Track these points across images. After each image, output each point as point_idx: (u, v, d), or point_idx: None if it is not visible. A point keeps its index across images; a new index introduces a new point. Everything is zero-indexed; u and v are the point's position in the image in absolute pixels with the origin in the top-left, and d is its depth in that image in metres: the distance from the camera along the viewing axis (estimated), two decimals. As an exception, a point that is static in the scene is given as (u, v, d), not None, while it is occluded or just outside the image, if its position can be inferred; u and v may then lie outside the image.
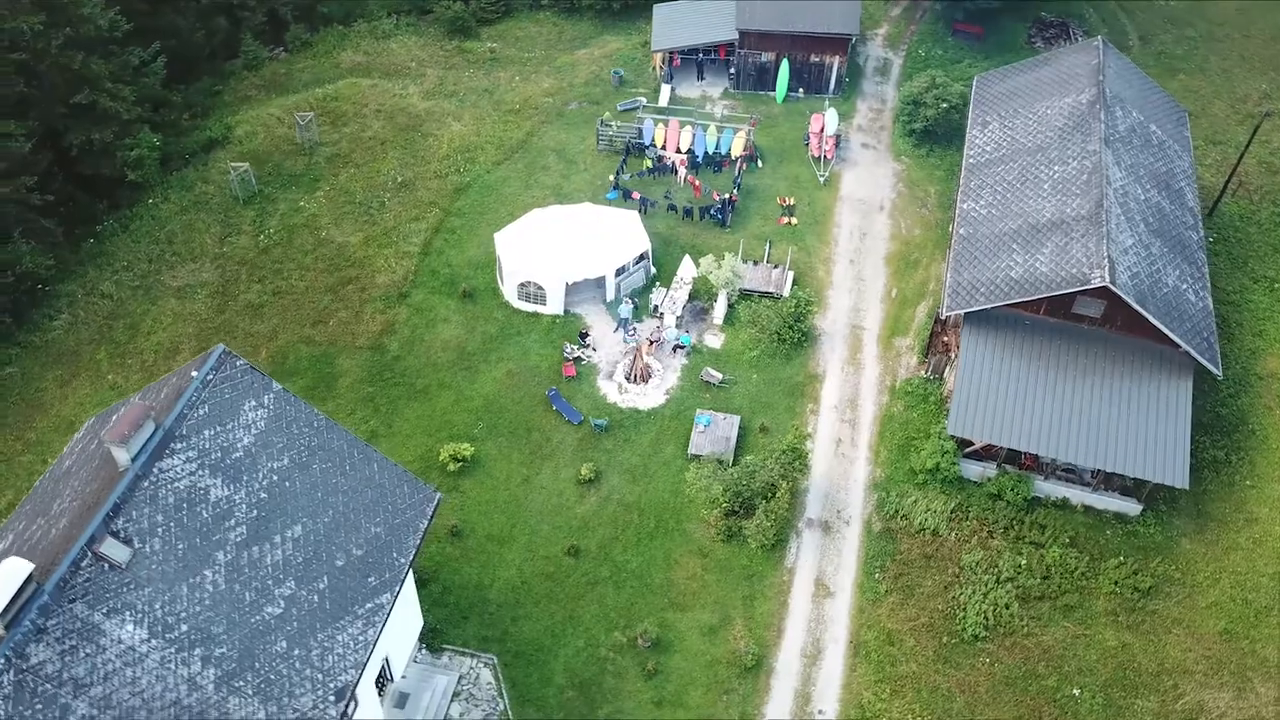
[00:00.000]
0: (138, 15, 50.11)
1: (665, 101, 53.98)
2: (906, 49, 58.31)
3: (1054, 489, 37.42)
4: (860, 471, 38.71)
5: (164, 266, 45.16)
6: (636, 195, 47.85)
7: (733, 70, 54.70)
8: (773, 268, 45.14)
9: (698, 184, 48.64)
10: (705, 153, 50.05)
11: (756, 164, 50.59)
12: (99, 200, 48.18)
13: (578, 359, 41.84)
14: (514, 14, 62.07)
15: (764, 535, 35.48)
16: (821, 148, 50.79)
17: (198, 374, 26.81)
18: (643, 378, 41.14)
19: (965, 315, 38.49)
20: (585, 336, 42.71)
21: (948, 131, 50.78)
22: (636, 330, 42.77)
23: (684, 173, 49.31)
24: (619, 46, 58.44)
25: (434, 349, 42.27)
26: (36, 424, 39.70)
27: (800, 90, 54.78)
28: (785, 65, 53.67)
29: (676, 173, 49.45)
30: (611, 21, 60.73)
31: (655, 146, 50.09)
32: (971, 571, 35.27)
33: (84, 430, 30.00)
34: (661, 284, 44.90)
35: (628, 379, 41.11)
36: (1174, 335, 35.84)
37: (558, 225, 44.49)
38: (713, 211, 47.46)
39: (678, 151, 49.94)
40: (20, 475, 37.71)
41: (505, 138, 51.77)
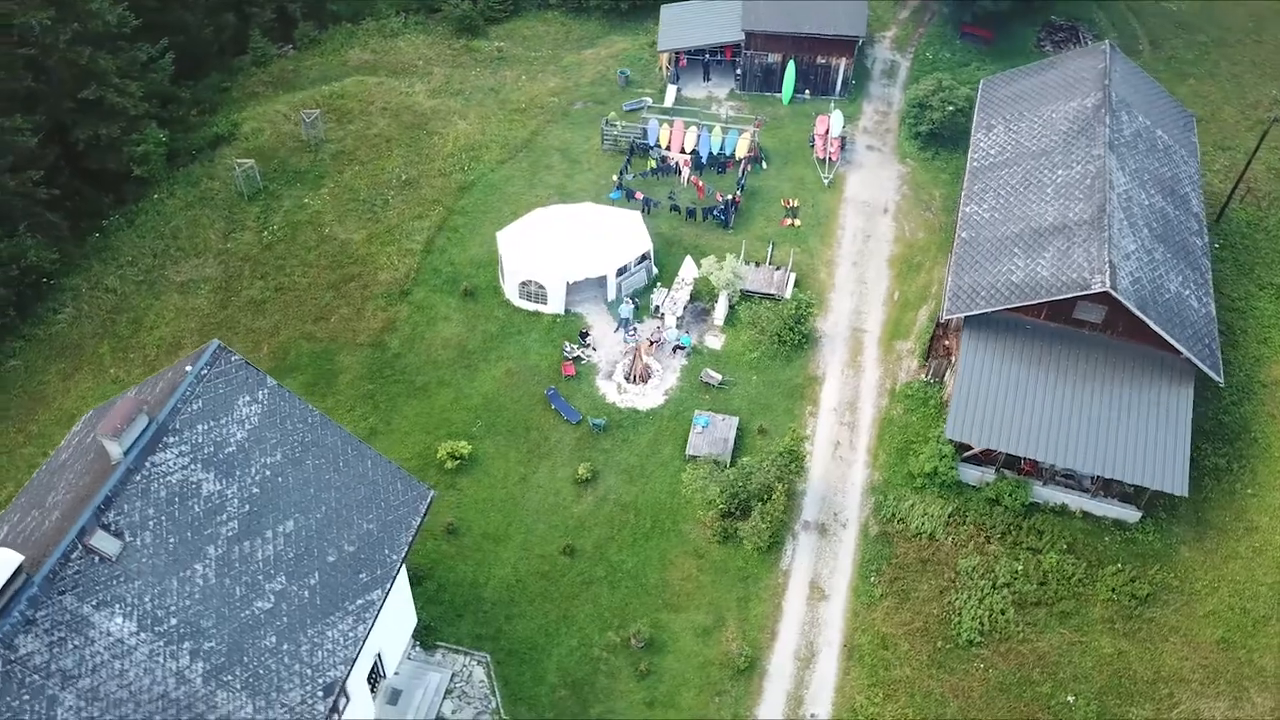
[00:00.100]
0: (147, 11, 50.30)
1: (671, 102, 53.96)
2: (914, 52, 58.12)
3: (1052, 495, 37.24)
4: (858, 474, 38.60)
5: (168, 261, 45.38)
6: (640, 195, 47.85)
7: (739, 71, 54.64)
8: (774, 269, 45.06)
9: (701, 185, 48.59)
10: (709, 154, 50.00)
11: (761, 165, 50.52)
12: (105, 195, 48.49)
13: (577, 358, 41.86)
14: (522, 13, 62.16)
15: (759, 537, 35.41)
16: (826, 150, 50.68)
17: (192, 369, 26.95)
18: (642, 378, 41.12)
19: (965, 319, 38.35)
20: (585, 336, 42.72)
21: (954, 134, 50.59)
22: (637, 330, 42.76)
23: (687, 173, 49.28)
24: (626, 46, 58.44)
25: (434, 347, 42.35)
26: (39, 417, 39.96)
27: (806, 92, 54.65)
28: (792, 67, 53.58)
29: (680, 173, 49.42)
30: (619, 21, 60.74)
31: (659, 147, 50.08)
32: (967, 576, 35.12)
33: (81, 424, 30.21)
34: (663, 284, 44.89)
35: (627, 379, 41.10)
36: (1175, 341, 35.63)
37: (560, 224, 44.52)
38: (715, 212, 47.42)
39: (682, 152, 49.92)
40: (21, 467, 37.95)
41: (510, 137, 51.84)
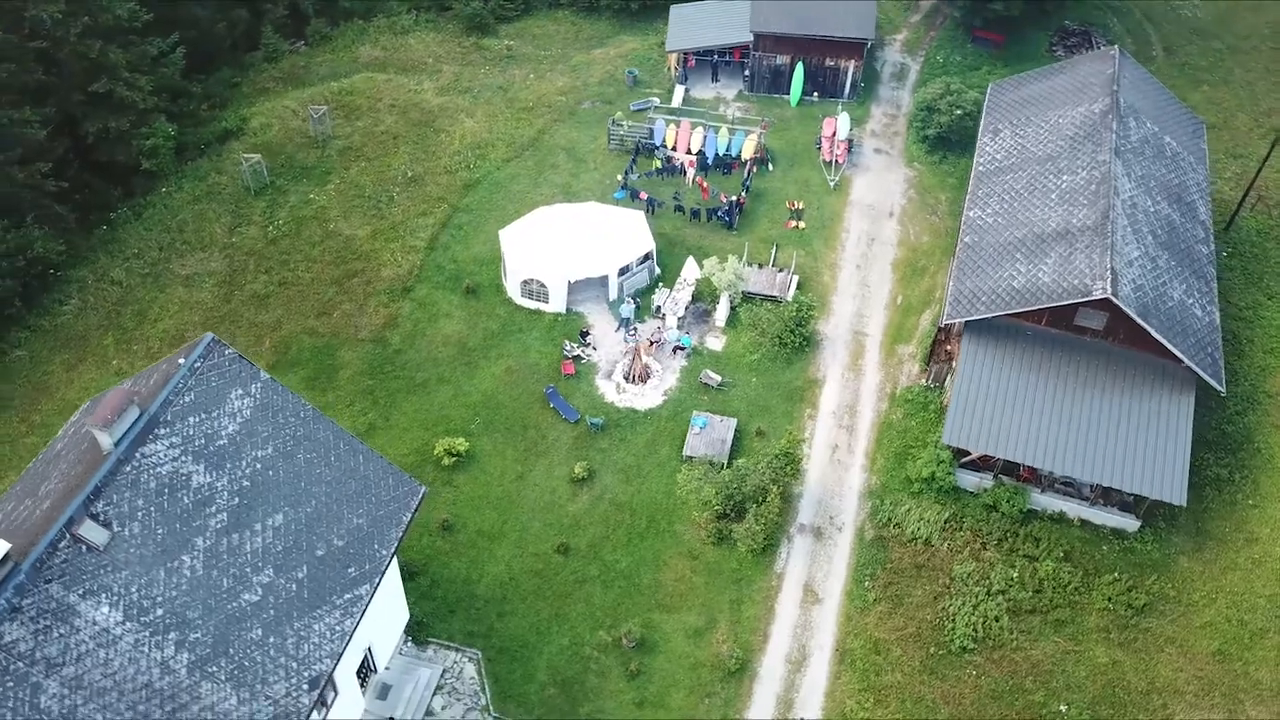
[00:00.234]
0: (159, 6, 50.59)
1: (679, 102, 53.90)
2: (925, 55, 57.84)
3: (1051, 502, 36.98)
4: (855, 478, 38.45)
5: (174, 255, 45.67)
6: (644, 195, 47.83)
7: (747, 73, 54.54)
8: (777, 271, 44.95)
9: (706, 185, 48.53)
10: (715, 154, 49.92)
11: (767, 167, 50.40)
12: (114, 188, 48.80)
13: (577, 357, 41.87)
14: (533, 12, 62.18)
15: (753, 539, 35.32)
16: (833, 152, 50.52)
17: (185, 361, 27.10)
18: (641, 378, 41.10)
19: (966, 324, 38.15)
20: (586, 335, 42.74)
21: (962, 138, 50.30)
22: (637, 330, 42.74)
23: (692, 174, 49.23)
24: (635, 46, 58.41)
25: (435, 344, 42.46)
26: (42, 407, 40.28)
27: (815, 94, 54.49)
28: (800, 69, 53.43)
29: (685, 174, 49.38)
30: (629, 21, 60.71)
31: (665, 147, 50.04)
32: (962, 583, 34.92)
33: (78, 414, 30.43)
34: (665, 285, 44.85)
35: (626, 379, 41.08)
36: (1176, 350, 35.32)
37: (563, 223, 44.55)
38: (720, 213, 47.35)
39: (688, 152, 49.86)
40: (23, 457, 38.25)
41: (517, 135, 51.92)
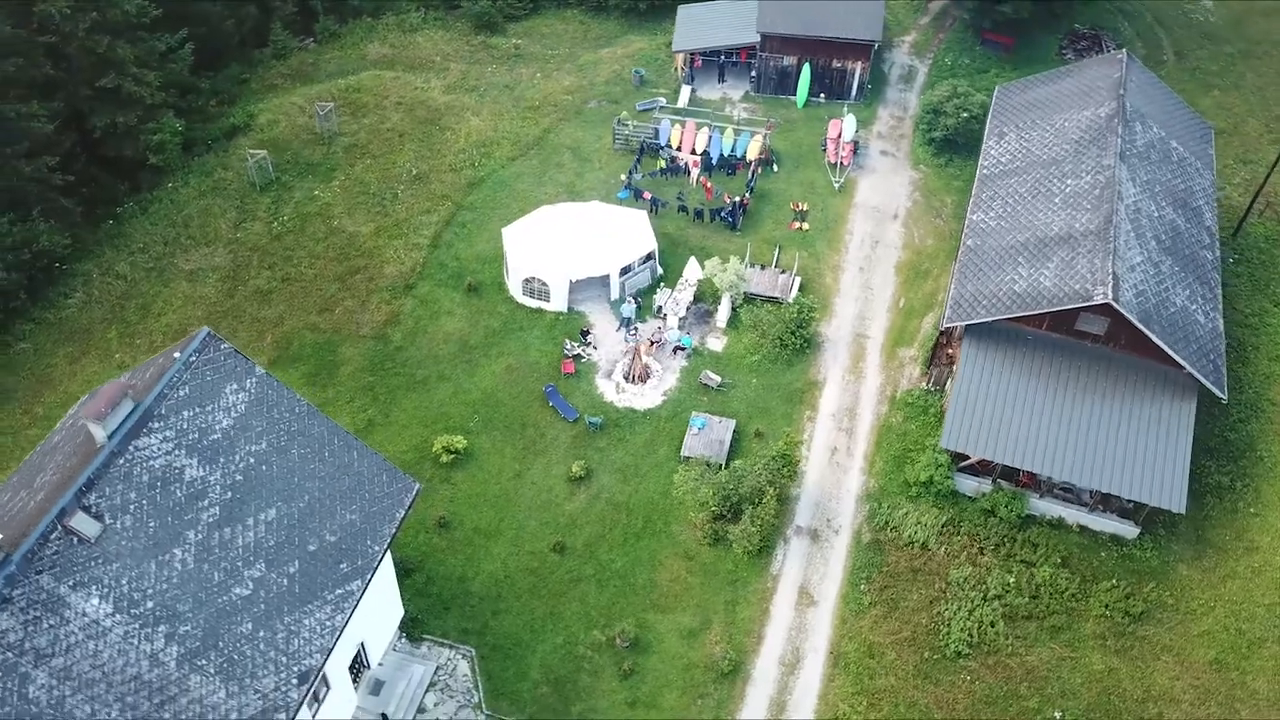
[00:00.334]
0: (168, 2, 50.75)
1: (685, 102, 53.85)
2: (933, 57, 57.63)
3: (1050, 508, 36.80)
4: (853, 481, 38.34)
5: (178, 250, 45.89)
6: (648, 195, 47.81)
7: (754, 74, 54.45)
8: (779, 272, 44.86)
9: (709, 186, 48.48)
10: (720, 155, 49.86)
11: (773, 168, 50.32)
12: (120, 182, 49.07)
13: (578, 356, 41.88)
14: (541, 11, 62.25)
15: (749, 541, 35.26)
16: (838, 154, 50.39)
17: (180, 355, 27.22)
18: (641, 378, 41.07)
19: (967, 328, 37.99)
20: (587, 334, 42.74)
21: (968, 141, 50.09)
22: (638, 330, 42.73)
23: (696, 174, 49.19)
24: (643, 46, 58.40)
25: (436, 341, 42.54)
26: (45, 399, 40.53)
27: (821, 95, 54.39)
28: (807, 70, 53.33)
29: (689, 174, 49.34)
30: (638, 21, 60.70)
31: (669, 147, 50.01)
32: (958, 587, 34.78)
33: (76, 407, 30.61)
34: (667, 285, 44.82)
35: (626, 378, 41.07)
36: (1178, 356, 35.09)
37: (566, 222, 44.56)
38: (723, 214, 47.29)
39: (692, 153, 49.82)
40: (25, 448, 38.45)
41: (522, 134, 51.97)
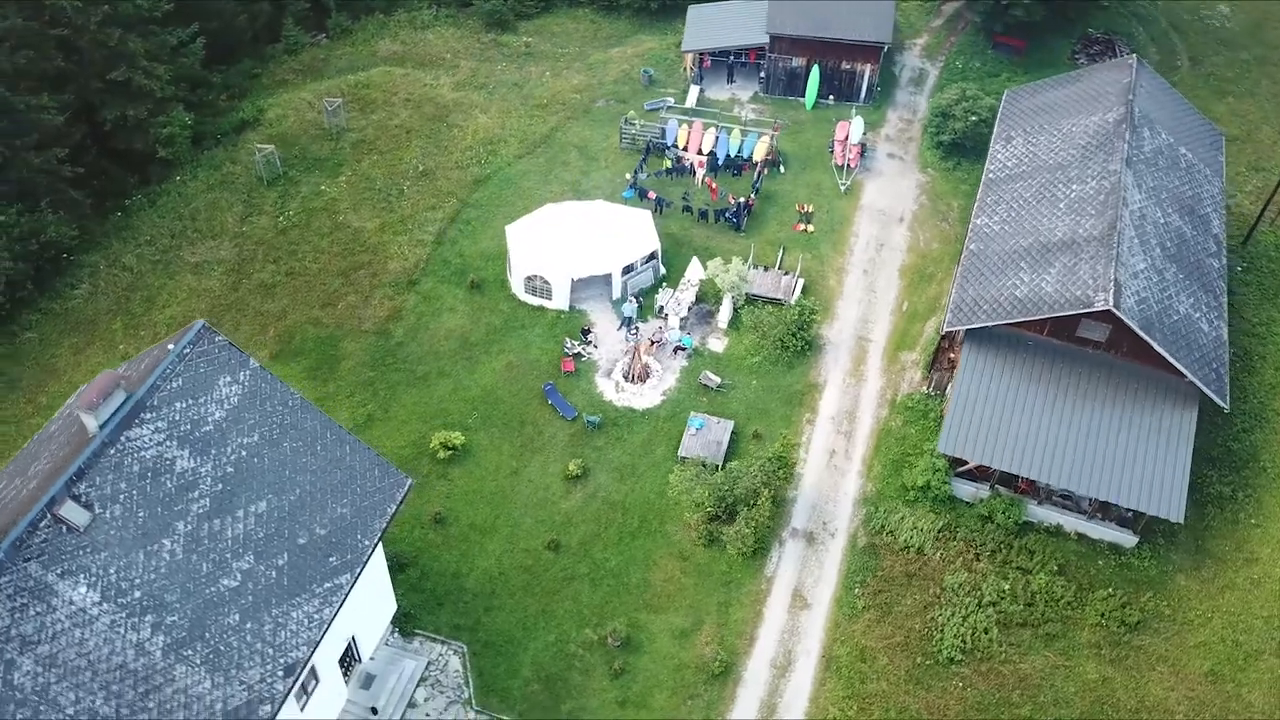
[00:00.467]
0: (181, -3, 51.29)
1: (693, 103, 53.77)
2: (944, 60, 57.34)
3: (1048, 515, 36.56)
4: (851, 484, 38.19)
5: (185, 242, 46.18)
6: (652, 195, 47.78)
7: (763, 74, 54.34)
8: (782, 274, 44.73)
9: (715, 186, 48.40)
10: (726, 155, 49.77)
11: (779, 169, 50.19)
12: (130, 175, 49.45)
13: (578, 355, 41.89)
14: (553, 9, 62.30)
15: (743, 542, 35.18)
16: (845, 156, 50.22)
17: (174, 347, 27.39)
18: (640, 377, 41.05)
19: (967, 332, 37.80)
20: (588, 333, 42.75)
21: (977, 145, 49.78)
22: (639, 329, 42.71)
23: (702, 174, 49.12)
24: (653, 46, 58.36)
25: (438, 337, 42.64)
26: (48, 389, 40.86)
27: (830, 97, 54.21)
28: (816, 71, 53.16)
29: (694, 174, 49.28)
30: (649, 21, 60.67)
31: (675, 147, 49.96)
32: (953, 593, 34.60)
33: (74, 397, 30.84)
34: (670, 285, 44.77)
35: (625, 378, 41.05)
36: (1179, 364, 34.79)
37: (569, 221, 44.58)
38: (728, 215, 47.20)
39: (699, 153, 49.74)
40: (27, 437, 38.69)
41: (529, 132, 52.03)
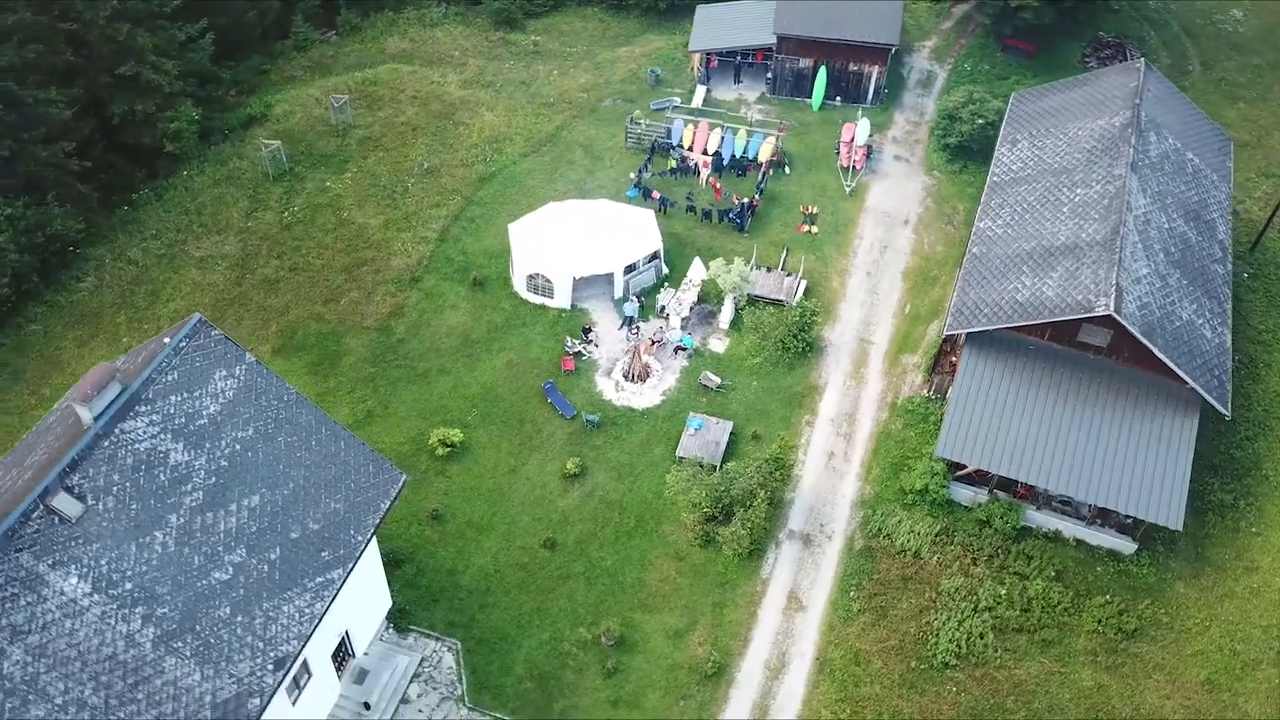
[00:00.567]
0: (191, -8, 51.55)
1: (699, 103, 53.71)
2: (953, 63, 57.10)
3: (1046, 520, 36.36)
4: (849, 487, 38.07)
5: (190, 237, 46.41)
6: (656, 194, 47.75)
7: (770, 75, 54.22)
8: (785, 275, 44.64)
9: (719, 187, 48.34)
10: (731, 156, 49.70)
11: (784, 170, 50.09)
12: (138, 169, 49.74)
13: (578, 354, 41.90)
14: (562, 8, 62.27)
15: (738, 543, 35.10)
16: (851, 157, 50.07)
17: (170, 341, 27.52)
18: (640, 377, 41.02)
19: (968, 336, 37.63)
20: (589, 332, 42.76)
21: (983, 147, 49.55)
22: (640, 329, 42.69)
23: (706, 175, 49.07)
24: (661, 45, 58.32)
25: (439, 334, 42.72)
26: (52, 380, 41.13)
27: (838, 99, 54.08)
28: (823, 73, 53.03)
29: (699, 174, 49.22)
30: (657, 20, 60.62)
31: (680, 147, 49.92)
32: (949, 597, 34.44)
33: (73, 389, 31.00)
34: (672, 284, 44.73)
35: (625, 377, 41.04)
36: (1180, 370, 34.54)
37: (573, 219, 44.60)
38: (732, 215, 47.13)
39: (704, 153, 49.69)
40: (29, 429, 39.01)
41: (535, 130, 52.08)
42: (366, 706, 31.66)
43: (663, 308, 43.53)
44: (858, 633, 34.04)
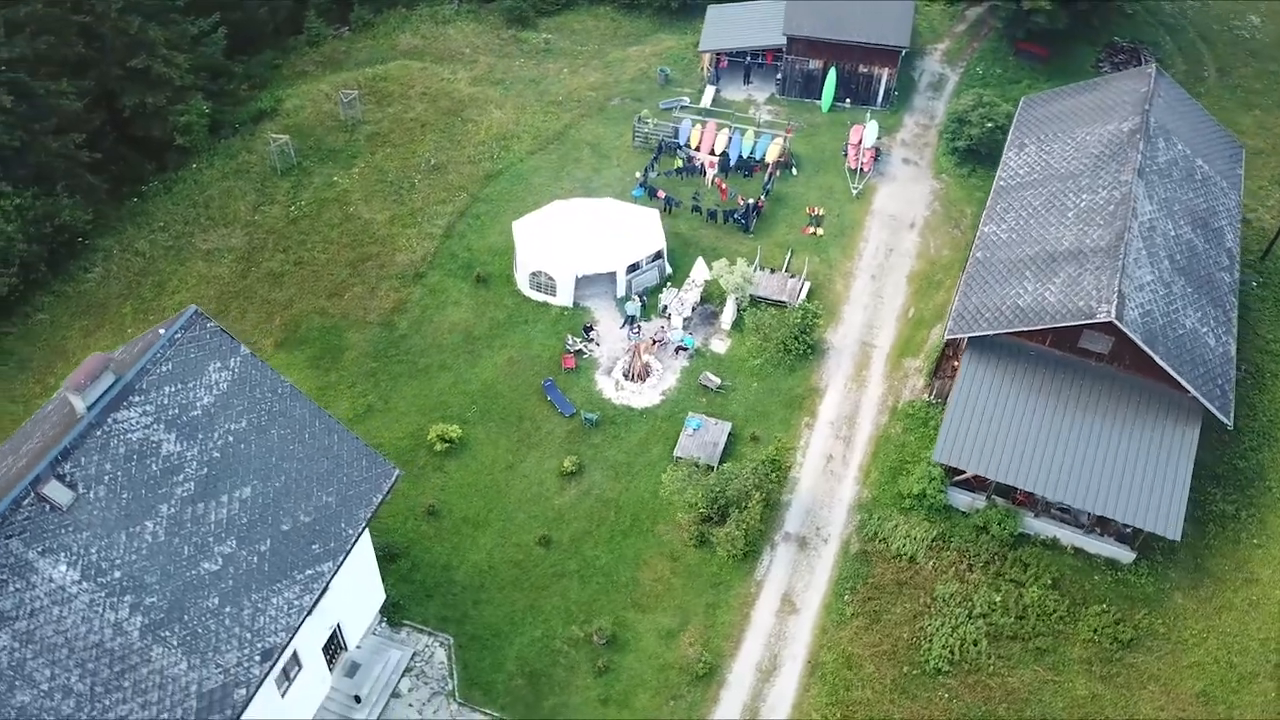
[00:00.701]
0: (204, -13, 51.97)
1: (708, 103, 53.62)
2: (965, 66, 56.81)
3: (1045, 527, 36.11)
4: (847, 490, 37.92)
5: (197, 229, 46.72)
6: (662, 194, 47.71)
7: (779, 76, 54.09)
8: (788, 277, 44.51)
9: (725, 187, 48.25)
10: (739, 156, 49.59)
11: (792, 172, 49.95)
12: (148, 161, 50.14)
13: (579, 352, 41.92)
14: (574, 6, 62.34)
15: (733, 544, 35.02)
16: (858, 160, 49.88)
17: (166, 332, 27.69)
18: (640, 376, 41.00)
19: (969, 340, 37.41)
20: (590, 330, 42.76)
21: (992, 151, 49.21)
22: (641, 328, 42.66)
23: (712, 175, 48.98)
24: (672, 45, 58.29)
25: (441, 330, 42.83)
26: (57, 370, 41.49)
27: (847, 100, 53.88)
28: (833, 74, 52.85)
29: (705, 174, 49.14)
30: (669, 20, 60.60)
31: (687, 146, 49.86)
32: (944, 603, 34.24)
33: (68, 379, 31.24)
34: (676, 284, 44.68)
35: (625, 376, 41.02)
36: (1183, 379, 34.21)
37: (577, 218, 44.61)
38: (737, 216, 47.04)
39: (710, 153, 49.61)
40: (34, 417, 39.45)
41: (543, 128, 52.14)
42: (357, 699, 31.78)
43: (665, 307, 43.49)
44: (850, 636, 33.89)
